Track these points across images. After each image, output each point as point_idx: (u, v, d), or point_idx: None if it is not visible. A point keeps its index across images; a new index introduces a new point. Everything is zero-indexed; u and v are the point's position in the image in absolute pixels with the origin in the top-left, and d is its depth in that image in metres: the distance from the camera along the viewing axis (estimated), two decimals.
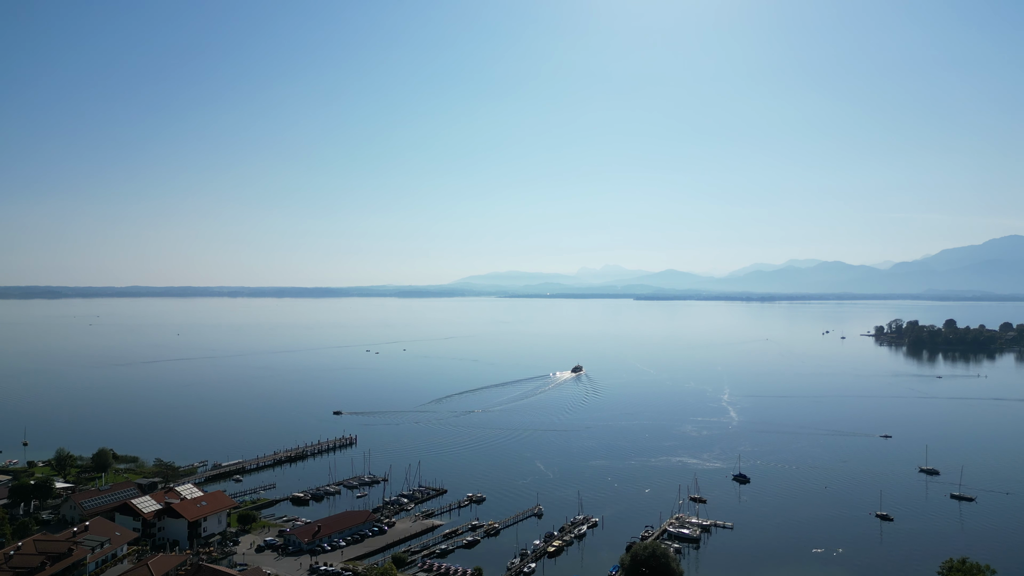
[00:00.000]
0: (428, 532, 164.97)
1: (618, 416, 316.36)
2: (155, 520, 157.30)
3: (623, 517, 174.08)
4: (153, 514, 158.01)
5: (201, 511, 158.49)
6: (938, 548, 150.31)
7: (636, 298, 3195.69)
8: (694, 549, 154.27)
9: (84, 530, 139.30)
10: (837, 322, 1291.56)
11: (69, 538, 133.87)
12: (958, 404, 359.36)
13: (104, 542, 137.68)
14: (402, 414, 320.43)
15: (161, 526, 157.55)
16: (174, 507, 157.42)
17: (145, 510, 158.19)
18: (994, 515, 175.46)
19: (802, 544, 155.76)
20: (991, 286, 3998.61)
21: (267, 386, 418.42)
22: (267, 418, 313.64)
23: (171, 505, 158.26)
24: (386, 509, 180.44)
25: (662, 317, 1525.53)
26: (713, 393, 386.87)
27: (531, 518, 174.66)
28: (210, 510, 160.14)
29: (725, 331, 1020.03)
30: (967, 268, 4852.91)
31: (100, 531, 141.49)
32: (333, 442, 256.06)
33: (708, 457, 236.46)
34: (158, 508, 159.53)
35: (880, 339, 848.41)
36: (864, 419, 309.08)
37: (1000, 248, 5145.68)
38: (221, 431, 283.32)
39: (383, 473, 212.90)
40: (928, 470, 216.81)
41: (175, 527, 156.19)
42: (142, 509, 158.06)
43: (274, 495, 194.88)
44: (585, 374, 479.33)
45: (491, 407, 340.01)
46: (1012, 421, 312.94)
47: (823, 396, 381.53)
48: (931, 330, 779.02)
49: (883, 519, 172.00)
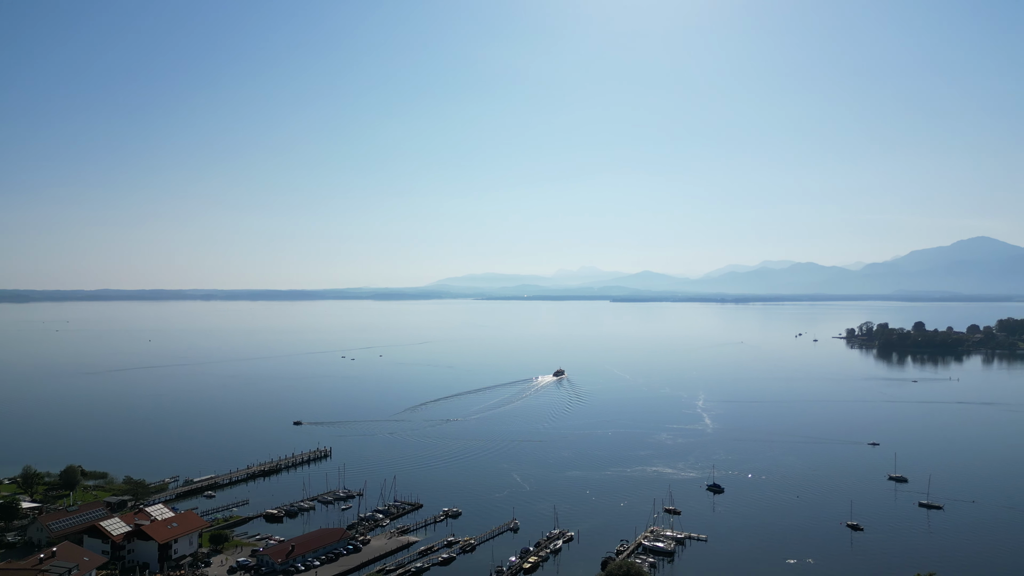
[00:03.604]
0: (403, 549, 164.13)
1: (595, 424, 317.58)
2: (124, 543, 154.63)
3: (599, 531, 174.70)
4: (122, 536, 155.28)
5: (172, 532, 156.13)
6: (907, 559, 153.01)
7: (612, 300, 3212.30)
8: (669, 563, 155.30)
9: (51, 556, 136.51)
10: (810, 323, 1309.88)
11: (35, 565, 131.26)
12: (928, 408, 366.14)
13: (72, 568, 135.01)
14: (378, 423, 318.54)
15: (131, 549, 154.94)
16: (144, 529, 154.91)
17: (114, 532, 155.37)
18: (961, 524, 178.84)
19: (775, 555, 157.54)
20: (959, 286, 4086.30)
21: (241, 395, 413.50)
22: (240, 430, 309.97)
23: (141, 527, 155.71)
24: (361, 526, 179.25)
25: (638, 319, 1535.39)
26: (688, 399, 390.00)
27: (507, 533, 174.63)
28: (181, 531, 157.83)
29: (700, 334, 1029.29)
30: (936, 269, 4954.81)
31: (68, 556, 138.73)
32: (307, 455, 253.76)
33: (683, 467, 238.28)
34: (127, 530, 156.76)
35: (851, 342, 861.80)
36: (837, 425, 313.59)
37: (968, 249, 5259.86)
38: (193, 444, 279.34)
39: (358, 487, 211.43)
40: (897, 478, 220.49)
41: (145, 550, 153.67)
42: (111, 531, 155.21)
43: (247, 511, 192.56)
44: (567, 378, 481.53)
45: (469, 415, 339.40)
46: (977, 426, 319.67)
47: (796, 401, 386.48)
48: (901, 333, 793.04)
49: (853, 529, 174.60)
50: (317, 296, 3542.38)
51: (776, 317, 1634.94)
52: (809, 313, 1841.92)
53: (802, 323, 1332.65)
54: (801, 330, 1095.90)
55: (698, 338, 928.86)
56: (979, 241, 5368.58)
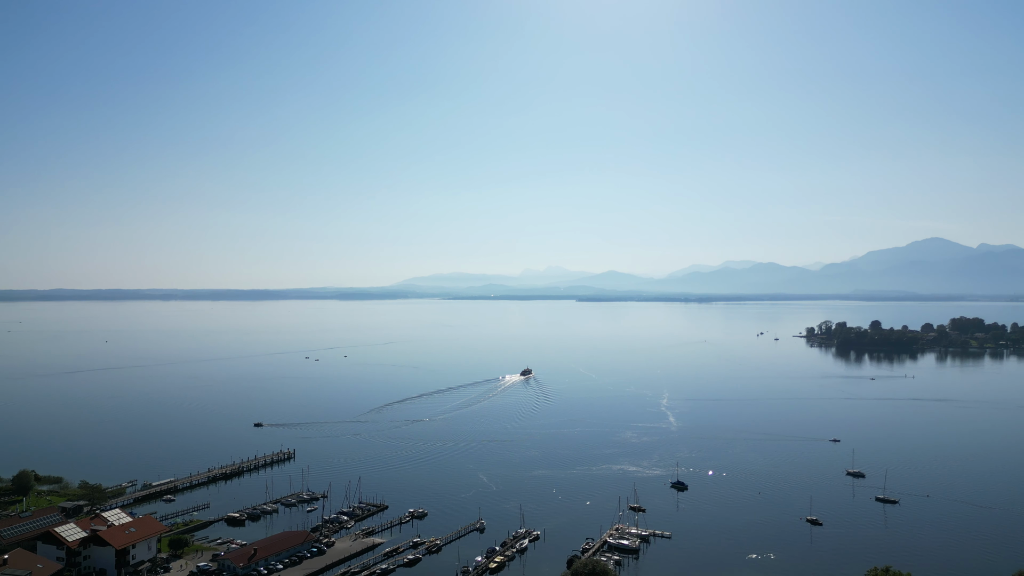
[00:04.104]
0: (369, 551, 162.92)
1: (561, 423, 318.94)
2: (80, 549, 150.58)
3: (564, 529, 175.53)
4: (78, 542, 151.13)
5: (129, 538, 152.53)
6: (864, 552, 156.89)
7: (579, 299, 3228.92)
8: (634, 560, 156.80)
9: (3, 563, 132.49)
10: (771, 323, 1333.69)
11: None
12: (885, 405, 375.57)
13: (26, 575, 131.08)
14: (342, 425, 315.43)
15: (87, 555, 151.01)
16: (100, 534, 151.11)
17: (70, 538, 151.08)
18: (916, 518, 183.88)
19: (737, 551, 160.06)
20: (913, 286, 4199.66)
21: (201, 397, 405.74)
22: (200, 432, 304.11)
23: (97, 532, 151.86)
24: (325, 528, 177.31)
25: (604, 319, 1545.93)
26: (652, 398, 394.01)
27: (473, 533, 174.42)
28: (139, 536, 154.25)
29: (664, 333, 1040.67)
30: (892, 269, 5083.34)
31: (21, 564, 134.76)
32: (270, 457, 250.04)
33: (647, 465, 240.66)
34: (83, 536, 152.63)
35: (811, 340, 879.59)
36: (797, 422, 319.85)
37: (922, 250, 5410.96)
38: (151, 447, 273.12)
39: (322, 489, 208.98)
40: (855, 473, 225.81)
41: (102, 556, 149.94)
42: (66, 537, 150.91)
43: (208, 515, 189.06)
44: (534, 377, 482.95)
45: (435, 415, 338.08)
46: (931, 421, 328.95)
47: (758, 399, 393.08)
48: (858, 331, 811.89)
49: (813, 524, 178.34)
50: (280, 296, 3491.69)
51: (738, 316, 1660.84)
52: (770, 312, 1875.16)
53: (763, 322, 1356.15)
54: (762, 329, 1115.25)
55: (662, 337, 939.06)
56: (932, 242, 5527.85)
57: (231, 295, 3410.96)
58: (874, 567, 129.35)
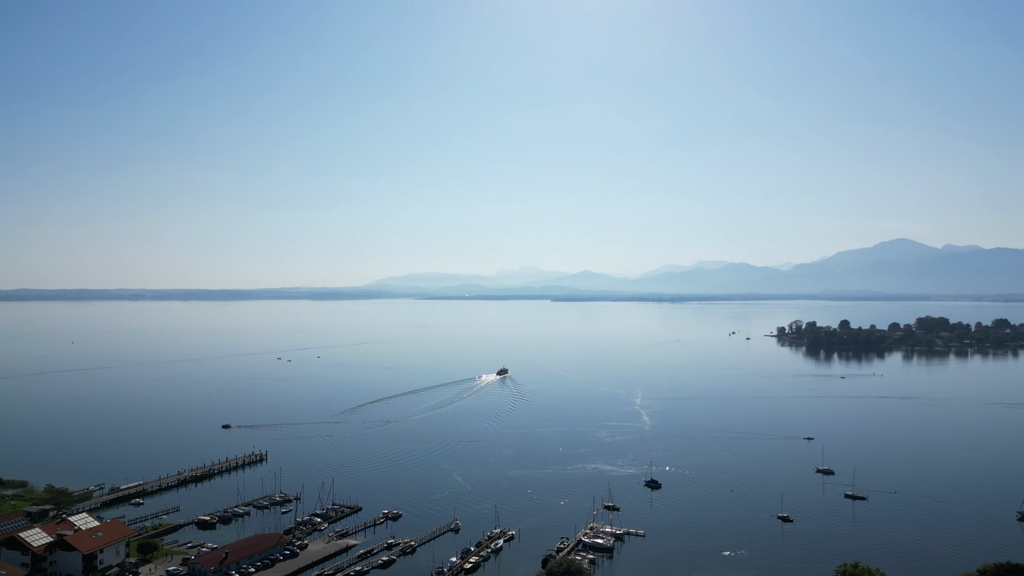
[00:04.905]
0: (342, 553, 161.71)
1: (537, 423, 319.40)
2: (46, 554, 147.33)
3: (539, 529, 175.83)
4: (44, 547, 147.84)
5: (97, 542, 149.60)
6: (834, 548, 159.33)
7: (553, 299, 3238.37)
8: (608, 559, 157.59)
9: None
10: (743, 322, 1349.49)
11: None
12: (854, 403, 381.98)
13: None
14: (315, 426, 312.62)
15: (53, 560, 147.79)
16: (67, 539, 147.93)
17: (35, 543, 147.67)
18: (883, 514, 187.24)
19: (711, 548, 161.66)
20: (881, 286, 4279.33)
21: (170, 399, 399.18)
22: (170, 434, 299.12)
23: (64, 537, 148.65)
24: (298, 530, 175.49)
25: (579, 319, 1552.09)
26: (627, 397, 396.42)
27: (448, 534, 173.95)
28: (107, 541, 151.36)
29: (638, 333, 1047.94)
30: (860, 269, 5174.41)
31: None
32: (242, 459, 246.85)
33: (621, 463, 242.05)
34: (49, 541, 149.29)
35: (782, 339, 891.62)
36: (769, 420, 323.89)
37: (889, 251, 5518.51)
38: (120, 450, 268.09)
39: (295, 491, 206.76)
40: (824, 470, 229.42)
41: (68, 561, 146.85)
42: (31, 543, 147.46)
43: (178, 519, 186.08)
44: (510, 377, 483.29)
45: (410, 416, 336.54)
46: (898, 419, 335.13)
47: (730, 398, 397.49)
48: (828, 331, 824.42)
49: (784, 520, 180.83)
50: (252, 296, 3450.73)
51: (711, 316, 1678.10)
52: (742, 312, 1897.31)
53: (735, 322, 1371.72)
54: (734, 328, 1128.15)
55: (636, 337, 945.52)
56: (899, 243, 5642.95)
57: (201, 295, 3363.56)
58: (843, 563, 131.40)
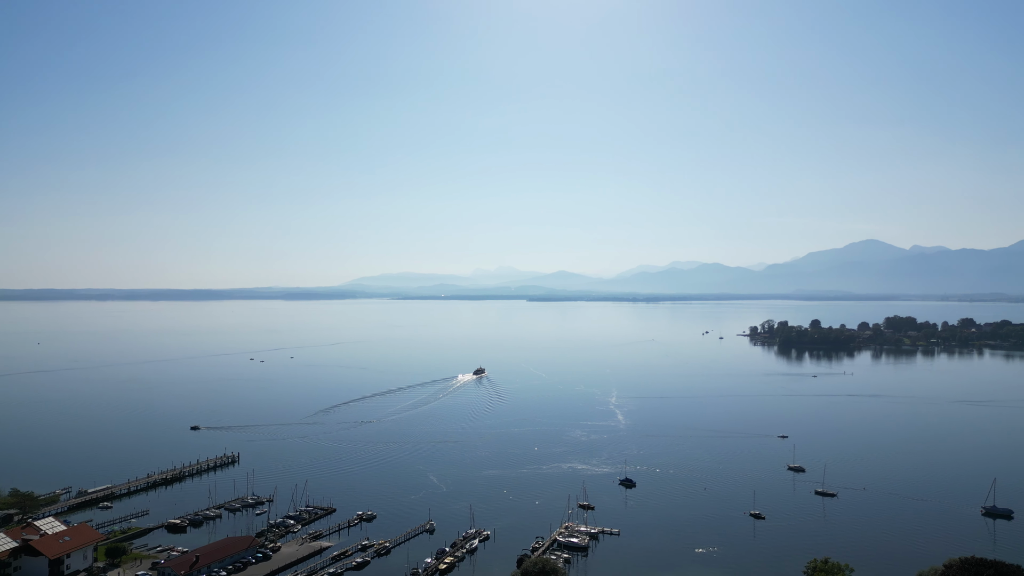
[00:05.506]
0: (316, 555, 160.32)
1: (512, 423, 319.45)
2: (11, 560, 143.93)
3: (514, 528, 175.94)
4: (8, 553, 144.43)
5: (63, 547, 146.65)
6: (805, 544, 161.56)
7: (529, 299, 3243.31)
8: (583, 558, 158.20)
9: None
10: (716, 322, 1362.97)
11: None
12: (824, 401, 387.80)
13: None
14: (288, 427, 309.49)
15: (17, 566, 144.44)
16: (32, 544, 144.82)
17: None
18: (853, 510, 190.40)
19: (684, 546, 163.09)
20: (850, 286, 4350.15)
21: (139, 400, 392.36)
22: (139, 436, 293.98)
23: (29, 542, 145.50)
24: (271, 533, 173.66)
25: (555, 318, 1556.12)
26: (602, 396, 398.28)
27: (423, 534, 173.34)
28: (74, 545, 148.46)
29: (613, 332, 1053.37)
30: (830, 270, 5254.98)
31: None
32: (213, 461, 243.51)
33: (596, 463, 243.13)
34: (14, 546, 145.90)
35: (754, 339, 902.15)
36: (742, 419, 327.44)
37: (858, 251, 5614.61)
38: (87, 453, 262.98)
39: (268, 493, 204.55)
40: (796, 468, 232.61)
41: (34, 566, 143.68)
42: None
43: (147, 523, 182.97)
44: (487, 376, 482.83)
45: (385, 416, 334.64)
46: (867, 417, 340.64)
47: (704, 396, 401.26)
48: (799, 330, 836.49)
49: (756, 518, 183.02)
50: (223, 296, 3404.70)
51: (685, 316, 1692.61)
52: (715, 312, 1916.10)
53: (709, 321, 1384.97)
54: (708, 328, 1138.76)
55: (611, 336, 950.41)
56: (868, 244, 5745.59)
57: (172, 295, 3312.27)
58: (814, 559, 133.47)
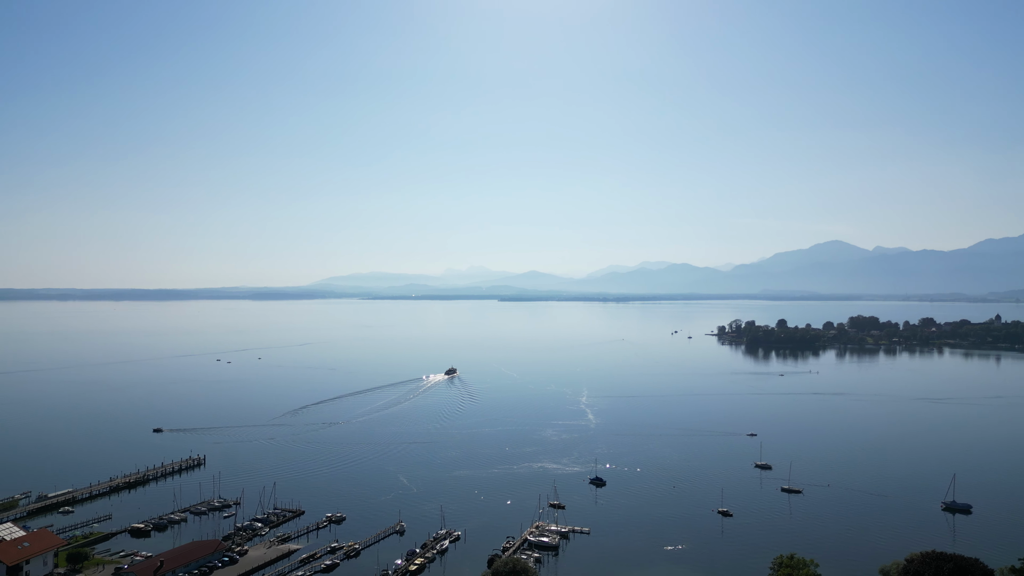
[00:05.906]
0: (284, 558, 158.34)
1: (484, 423, 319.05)
2: None
3: (485, 528, 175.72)
4: None
5: (22, 553, 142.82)
6: (771, 541, 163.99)
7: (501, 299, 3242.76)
8: (553, 557, 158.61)
9: None
10: (685, 321, 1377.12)
11: None
12: (790, 399, 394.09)
13: None
14: (256, 429, 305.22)
15: None
16: None
17: None
18: (818, 507, 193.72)
19: (653, 543, 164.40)
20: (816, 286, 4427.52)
21: (101, 402, 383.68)
22: (101, 439, 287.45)
23: None
24: (238, 536, 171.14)
25: (526, 318, 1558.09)
26: (572, 395, 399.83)
27: (393, 536, 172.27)
28: (33, 551, 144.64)
29: (583, 332, 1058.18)
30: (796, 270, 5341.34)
31: None
32: (178, 464, 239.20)
33: (567, 462, 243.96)
34: None
35: (722, 338, 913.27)
36: (711, 417, 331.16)
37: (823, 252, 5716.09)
38: (47, 456, 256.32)
39: (235, 496, 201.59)
40: (762, 465, 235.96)
41: None
42: None
43: (110, 527, 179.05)
44: (459, 376, 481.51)
45: (354, 417, 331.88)
46: (832, 414, 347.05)
47: (673, 395, 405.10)
48: (766, 329, 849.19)
49: (724, 515, 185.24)
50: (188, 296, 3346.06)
51: (654, 315, 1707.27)
52: (684, 312, 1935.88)
53: (678, 321, 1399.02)
54: (677, 327, 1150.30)
55: (582, 336, 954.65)
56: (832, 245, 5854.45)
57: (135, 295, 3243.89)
58: (780, 555, 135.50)
